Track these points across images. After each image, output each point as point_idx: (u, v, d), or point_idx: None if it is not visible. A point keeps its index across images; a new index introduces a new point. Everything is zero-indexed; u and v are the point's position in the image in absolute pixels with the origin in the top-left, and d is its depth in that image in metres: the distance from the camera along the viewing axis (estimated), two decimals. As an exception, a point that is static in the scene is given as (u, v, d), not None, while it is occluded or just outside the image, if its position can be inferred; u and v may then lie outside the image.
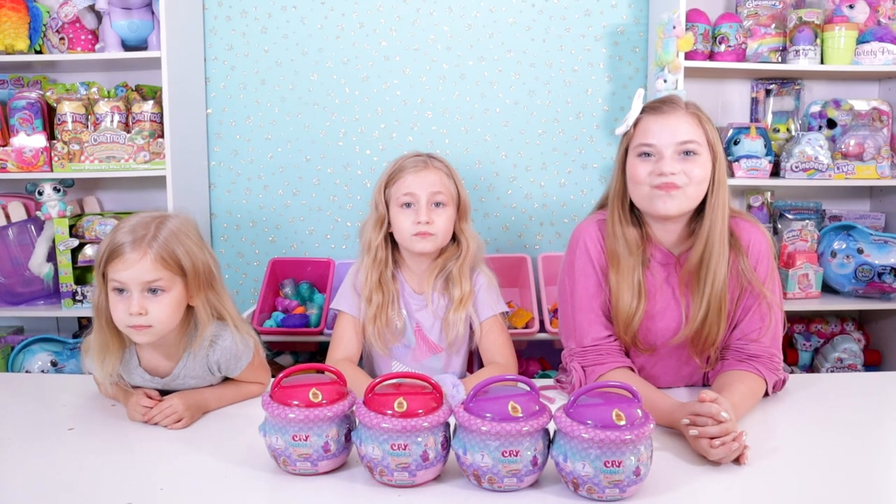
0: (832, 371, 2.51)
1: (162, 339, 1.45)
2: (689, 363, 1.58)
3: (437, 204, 1.70)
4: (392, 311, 1.73)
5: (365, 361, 1.86)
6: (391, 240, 1.77)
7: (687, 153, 1.46)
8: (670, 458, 1.26)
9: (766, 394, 1.50)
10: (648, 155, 1.48)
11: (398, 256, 1.79)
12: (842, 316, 2.67)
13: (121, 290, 1.38)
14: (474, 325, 1.75)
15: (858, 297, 2.48)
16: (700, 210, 1.51)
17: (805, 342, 2.61)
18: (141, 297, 1.37)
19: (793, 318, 2.64)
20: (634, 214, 1.56)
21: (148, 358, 1.51)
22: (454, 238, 1.77)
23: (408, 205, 1.70)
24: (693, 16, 2.43)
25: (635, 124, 1.52)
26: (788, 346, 2.63)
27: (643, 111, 1.52)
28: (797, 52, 2.45)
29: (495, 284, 1.79)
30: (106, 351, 1.45)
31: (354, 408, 1.20)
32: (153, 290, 1.38)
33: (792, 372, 2.31)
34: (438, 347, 1.76)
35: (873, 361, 2.61)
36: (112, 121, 2.41)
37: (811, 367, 2.61)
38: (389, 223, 1.74)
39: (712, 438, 1.21)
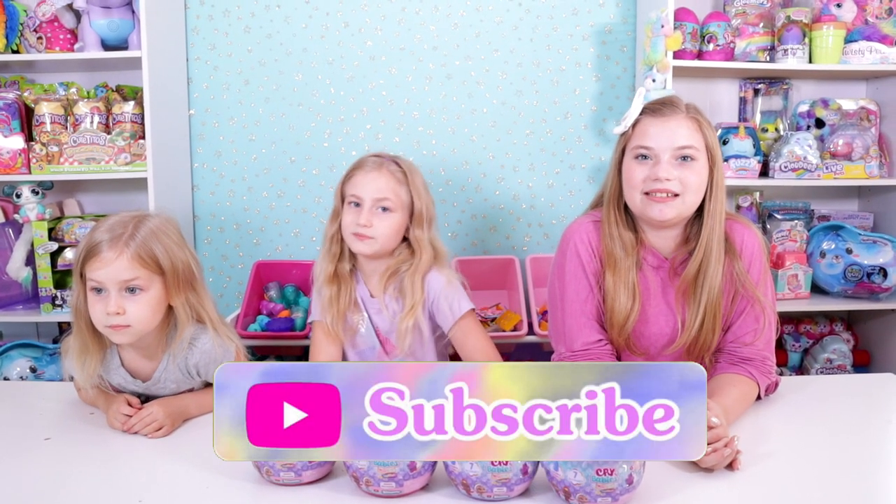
0: (821, 372, 2.50)
1: (142, 340, 1.43)
2: None
3: (384, 209, 1.67)
4: (348, 304, 1.72)
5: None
6: None
7: (684, 158, 1.44)
8: (663, 466, 1.24)
9: (759, 397, 1.49)
10: (645, 157, 1.46)
11: (356, 259, 1.76)
12: (831, 316, 2.66)
13: (99, 290, 1.37)
14: (445, 328, 1.71)
15: (847, 297, 2.47)
16: (696, 215, 1.49)
17: (794, 343, 2.60)
18: (119, 297, 1.36)
19: (782, 318, 2.63)
20: (629, 217, 1.54)
21: (129, 359, 1.49)
22: (410, 245, 1.73)
23: (355, 204, 1.68)
24: (681, 14, 2.42)
25: (634, 125, 1.49)
26: (778, 347, 2.60)
27: (642, 112, 1.49)
28: (785, 51, 2.44)
29: (456, 283, 1.72)
30: (86, 353, 1.44)
31: (339, 416, 1.17)
32: (131, 290, 1.37)
33: (781, 373, 2.30)
34: (395, 348, 1.73)
35: (862, 362, 2.61)
36: (92, 122, 2.37)
37: (800, 369, 2.60)
38: None
39: (705, 445, 1.19)
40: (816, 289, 2.52)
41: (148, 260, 1.38)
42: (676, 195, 1.43)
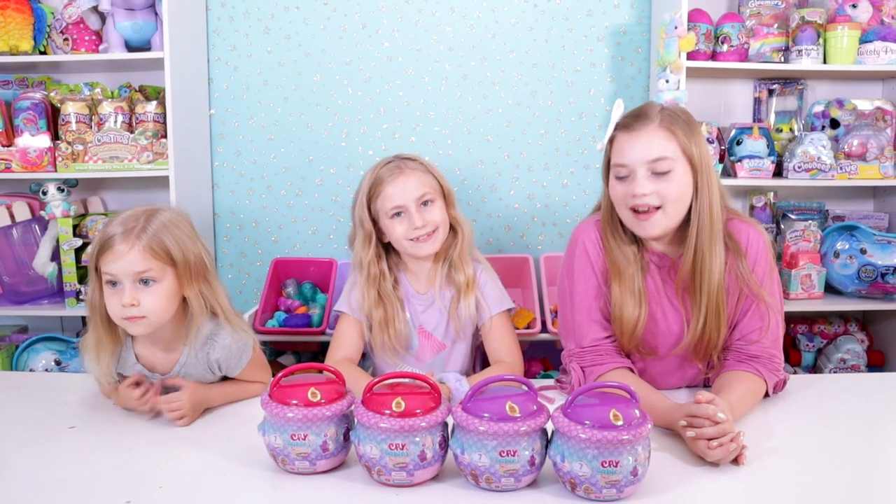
0: (835, 372, 2.50)
1: (158, 332, 1.46)
2: (692, 366, 1.58)
3: (426, 203, 1.70)
4: (398, 322, 1.72)
5: (369, 362, 1.86)
6: (386, 248, 1.76)
7: (660, 172, 1.44)
8: (669, 459, 1.26)
9: (767, 394, 1.50)
10: (623, 176, 1.47)
11: (399, 260, 1.79)
12: (845, 316, 2.66)
13: (114, 283, 1.40)
14: (484, 316, 1.74)
15: (861, 297, 2.47)
16: (687, 218, 1.50)
17: (808, 343, 2.60)
18: (133, 289, 1.38)
19: (796, 318, 2.64)
20: (626, 227, 1.55)
21: (145, 353, 1.52)
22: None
23: (398, 214, 1.69)
24: (695, 16, 2.43)
25: (611, 141, 1.51)
26: (791, 346, 2.62)
27: (617, 127, 1.50)
28: (800, 51, 2.45)
29: (496, 277, 1.79)
30: (101, 348, 1.47)
31: (353, 407, 1.20)
32: (145, 282, 1.40)
33: (795, 373, 2.31)
34: (442, 345, 1.76)
35: (877, 362, 2.60)
36: (116, 121, 2.42)
37: (814, 368, 2.60)
38: (380, 236, 1.73)
39: (710, 439, 1.21)
40: (830, 289, 2.51)
41: (160, 251, 1.40)
42: (658, 207, 1.44)
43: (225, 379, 1.58)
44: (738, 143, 2.48)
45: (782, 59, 2.49)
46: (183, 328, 1.50)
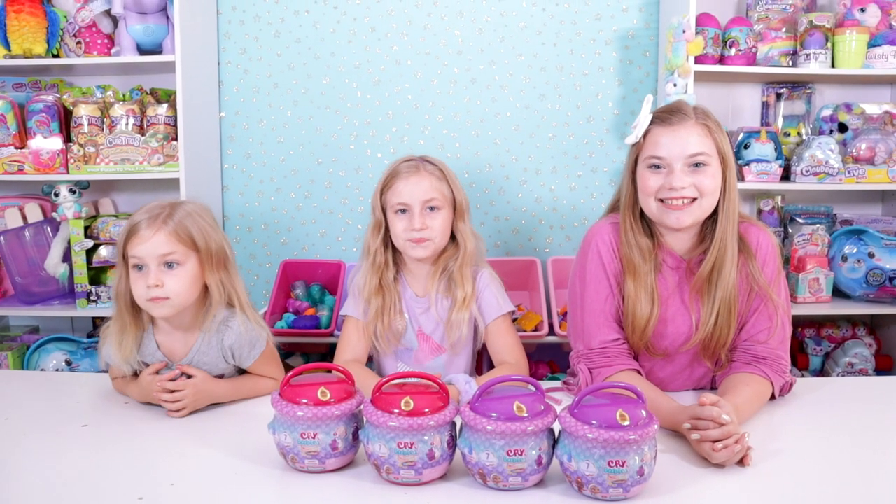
0: (842, 376, 2.49)
1: (178, 318, 1.52)
2: (700, 366, 1.59)
3: (432, 208, 1.71)
4: (394, 313, 1.75)
5: (374, 364, 1.88)
6: (392, 244, 1.78)
7: (697, 165, 1.46)
8: (675, 460, 1.27)
9: (773, 397, 1.50)
10: (658, 167, 1.49)
11: (400, 260, 1.80)
12: (853, 320, 2.66)
13: (140, 267, 1.47)
14: (480, 326, 1.76)
15: (869, 301, 2.47)
16: (710, 216, 1.52)
17: (816, 347, 2.60)
18: (158, 271, 1.46)
19: (804, 322, 2.63)
20: (645, 222, 1.57)
21: (165, 340, 1.56)
22: (453, 238, 1.78)
23: (402, 211, 1.71)
24: (703, 20, 2.44)
25: (645, 134, 1.52)
26: (799, 350, 2.62)
27: (652, 121, 1.52)
28: (808, 55, 2.45)
29: (499, 283, 1.80)
30: (124, 333, 1.53)
31: (362, 406, 1.21)
32: (169, 265, 1.47)
33: (802, 376, 2.31)
34: (441, 348, 1.77)
35: (885, 366, 2.59)
36: (127, 124, 2.45)
37: (822, 372, 2.60)
38: (387, 228, 1.75)
39: (714, 441, 1.22)
40: (838, 293, 2.52)
41: (184, 236, 1.48)
42: (693, 200, 1.46)
43: (240, 372, 1.61)
44: (746, 147, 2.48)
45: (790, 63, 2.49)
46: (202, 314, 1.55)
